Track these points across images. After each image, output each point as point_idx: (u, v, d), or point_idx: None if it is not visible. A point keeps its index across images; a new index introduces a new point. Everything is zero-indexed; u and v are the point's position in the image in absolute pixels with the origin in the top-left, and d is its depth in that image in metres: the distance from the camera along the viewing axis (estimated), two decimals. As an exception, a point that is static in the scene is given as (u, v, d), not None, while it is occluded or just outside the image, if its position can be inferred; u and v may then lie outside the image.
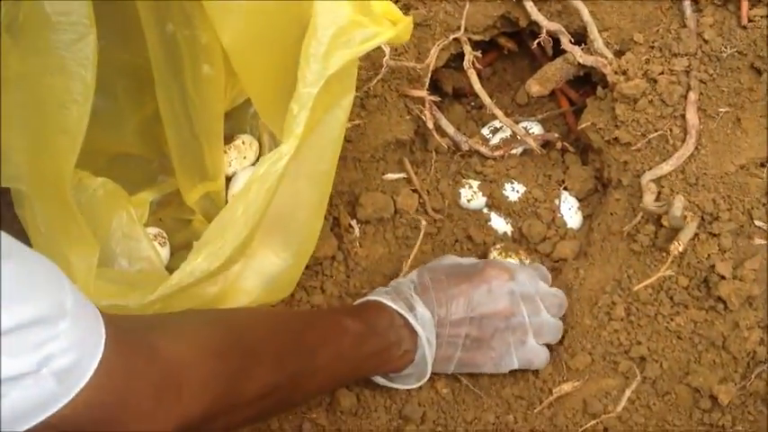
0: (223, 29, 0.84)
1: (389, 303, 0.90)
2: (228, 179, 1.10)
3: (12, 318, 0.52)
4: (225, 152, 1.09)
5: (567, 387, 0.93)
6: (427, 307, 0.91)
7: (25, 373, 0.54)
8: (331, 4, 0.76)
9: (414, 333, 0.90)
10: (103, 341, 0.59)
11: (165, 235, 1.05)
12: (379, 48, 1.01)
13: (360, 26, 0.77)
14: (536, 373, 0.96)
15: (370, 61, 1.05)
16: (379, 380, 0.94)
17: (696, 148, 0.97)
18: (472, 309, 0.92)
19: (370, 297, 0.93)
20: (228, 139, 1.10)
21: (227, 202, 1.09)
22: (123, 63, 0.88)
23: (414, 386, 0.94)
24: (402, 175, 1.09)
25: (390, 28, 0.79)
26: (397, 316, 0.90)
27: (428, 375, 0.93)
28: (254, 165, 1.10)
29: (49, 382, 0.55)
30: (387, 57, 1.02)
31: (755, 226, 0.94)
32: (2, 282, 0.52)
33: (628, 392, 0.91)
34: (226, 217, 0.83)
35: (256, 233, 0.85)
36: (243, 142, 1.10)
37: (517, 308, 0.93)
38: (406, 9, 1.07)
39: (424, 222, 1.04)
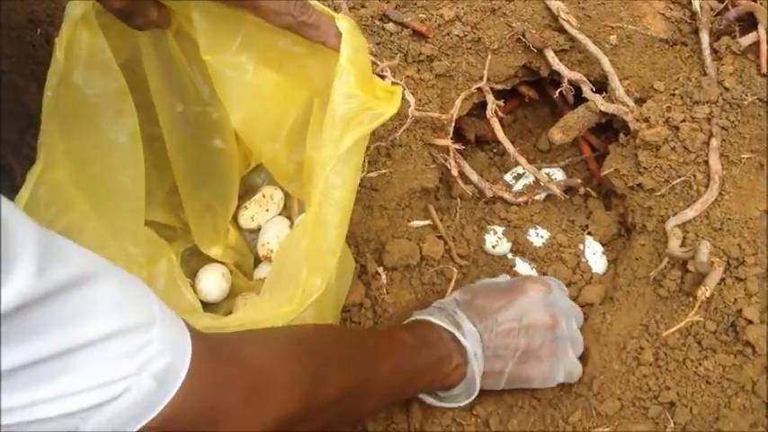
0: (232, 109, 0.90)
1: (435, 321, 0.91)
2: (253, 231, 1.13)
3: (111, 326, 0.57)
4: (246, 207, 1.11)
5: (597, 433, 0.94)
6: (472, 321, 0.92)
7: (128, 376, 0.58)
8: (347, 92, 0.81)
9: (462, 348, 0.91)
10: (190, 344, 0.63)
11: (229, 272, 1.09)
12: (404, 99, 1.04)
13: (369, 109, 0.81)
14: (566, 418, 0.96)
15: (396, 112, 1.07)
16: (428, 399, 0.96)
17: (720, 193, 0.98)
18: (519, 319, 0.93)
19: (417, 317, 0.94)
20: (251, 193, 1.13)
21: (251, 250, 1.12)
22: (149, 136, 0.93)
23: (463, 403, 0.94)
24: (427, 222, 1.10)
25: (390, 103, 0.83)
26: (443, 332, 0.91)
27: (477, 391, 0.93)
28: (280, 214, 1.13)
29: (149, 384, 0.59)
30: (412, 107, 1.04)
31: (781, 270, 0.95)
32: (103, 296, 0.57)
33: (660, 439, 0.91)
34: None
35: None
36: (263, 195, 1.12)
37: (559, 319, 0.95)
38: (429, 61, 1.10)
39: (455, 271, 1.05)
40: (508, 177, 1.18)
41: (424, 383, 0.91)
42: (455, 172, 1.10)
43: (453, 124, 1.10)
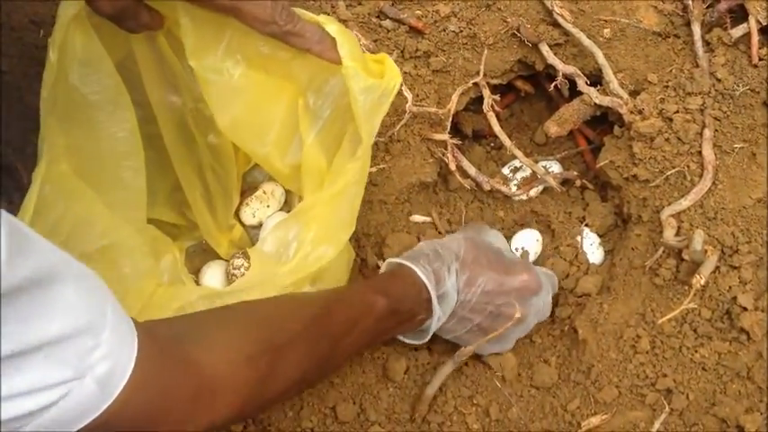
0: (218, 113, 0.93)
1: (420, 273, 0.92)
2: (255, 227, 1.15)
3: (64, 328, 0.56)
4: (247, 204, 1.13)
5: (595, 420, 0.95)
6: (458, 286, 0.94)
7: (71, 379, 0.57)
8: (363, 86, 0.84)
9: (431, 308, 0.93)
10: (136, 348, 0.62)
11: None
12: (401, 96, 1.05)
13: (383, 90, 0.83)
14: (564, 406, 0.97)
15: (393, 108, 1.08)
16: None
17: (713, 183, 1.00)
18: (497, 305, 0.96)
19: (403, 261, 0.95)
20: (252, 189, 1.14)
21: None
22: (147, 135, 0.94)
23: (408, 341, 0.98)
24: (427, 218, 1.12)
25: (391, 74, 0.86)
26: (424, 290, 0.92)
27: (426, 340, 0.97)
28: (281, 210, 1.14)
29: (91, 387, 0.59)
30: (409, 103, 1.06)
31: (775, 257, 0.96)
32: (61, 297, 0.56)
33: (657, 425, 0.92)
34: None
35: None
36: (264, 192, 1.13)
37: (530, 317, 0.99)
38: (426, 56, 1.11)
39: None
40: (505, 170, 1.19)
41: (385, 338, 0.96)
42: (453, 166, 1.11)
43: (451, 119, 1.12)
